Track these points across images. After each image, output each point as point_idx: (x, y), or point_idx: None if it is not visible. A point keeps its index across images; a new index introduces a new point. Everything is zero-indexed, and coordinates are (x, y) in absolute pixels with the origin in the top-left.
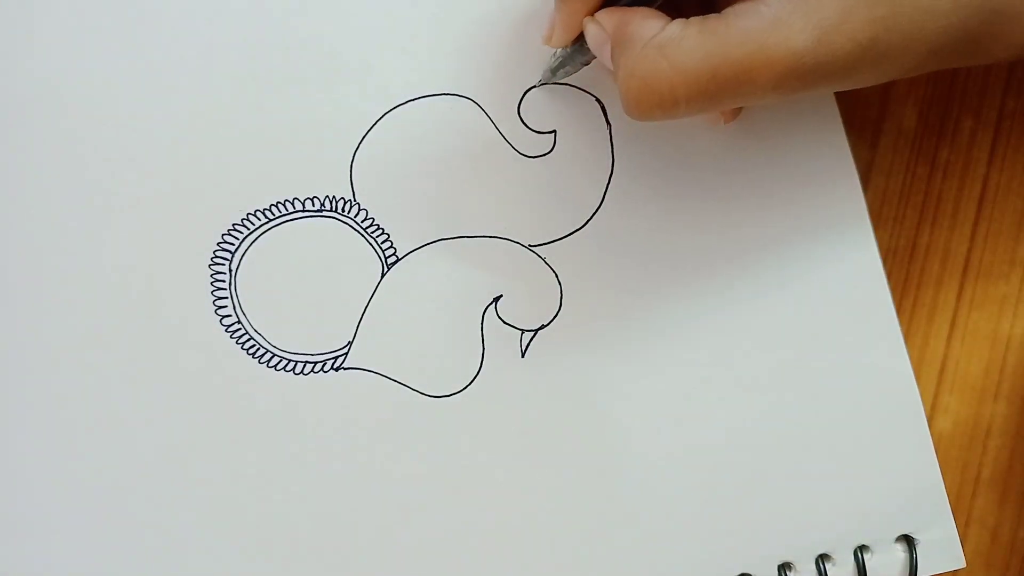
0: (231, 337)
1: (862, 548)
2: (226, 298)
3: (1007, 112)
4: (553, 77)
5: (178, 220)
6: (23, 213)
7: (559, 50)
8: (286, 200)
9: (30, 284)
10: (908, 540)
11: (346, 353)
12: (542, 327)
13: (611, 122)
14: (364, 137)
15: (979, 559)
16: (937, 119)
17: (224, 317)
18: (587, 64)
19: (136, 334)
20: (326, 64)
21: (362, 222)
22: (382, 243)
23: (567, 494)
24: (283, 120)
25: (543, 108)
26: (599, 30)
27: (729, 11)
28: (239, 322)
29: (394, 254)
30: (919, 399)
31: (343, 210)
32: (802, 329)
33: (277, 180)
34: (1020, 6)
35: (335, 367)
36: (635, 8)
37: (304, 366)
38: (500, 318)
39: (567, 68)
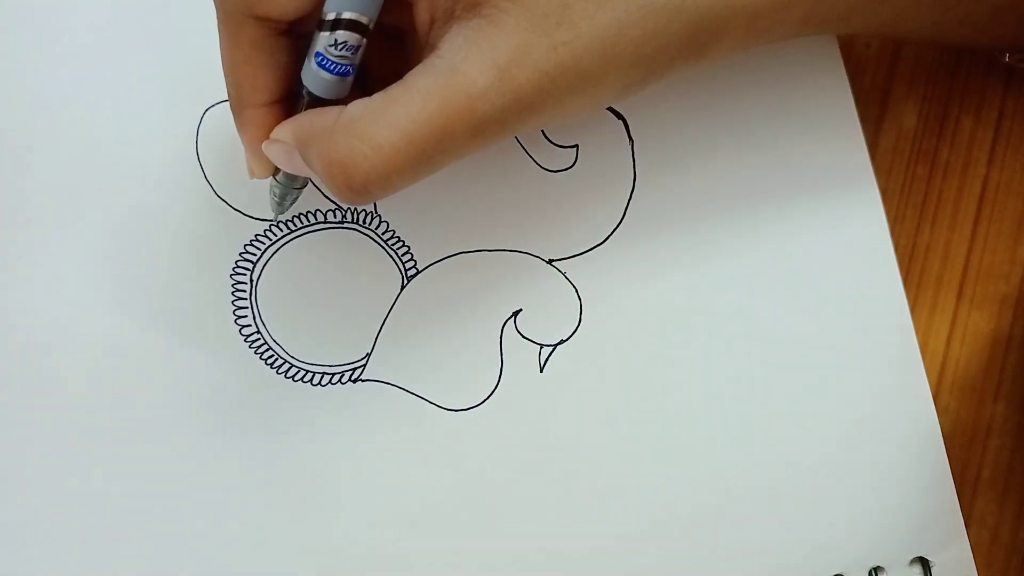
0: (250, 347)
1: (877, 570)
2: (246, 308)
3: (1007, 112)
4: (282, 209)
5: (200, 230)
6: (48, 219)
7: (273, 181)
8: (308, 211)
9: (49, 290)
10: (923, 562)
11: (364, 365)
12: (561, 342)
13: (633, 138)
14: None
15: (979, 559)
16: (937, 119)
17: (244, 327)
18: (307, 183)
19: (156, 342)
20: None
21: (383, 234)
22: (402, 255)
23: (583, 510)
24: None
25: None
26: (280, 146)
27: (409, 74)
28: (258, 332)
29: (414, 266)
30: (936, 420)
31: (364, 222)
32: (822, 351)
33: None
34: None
35: (353, 379)
36: (305, 112)
37: (322, 377)
38: (519, 332)
39: (292, 195)
